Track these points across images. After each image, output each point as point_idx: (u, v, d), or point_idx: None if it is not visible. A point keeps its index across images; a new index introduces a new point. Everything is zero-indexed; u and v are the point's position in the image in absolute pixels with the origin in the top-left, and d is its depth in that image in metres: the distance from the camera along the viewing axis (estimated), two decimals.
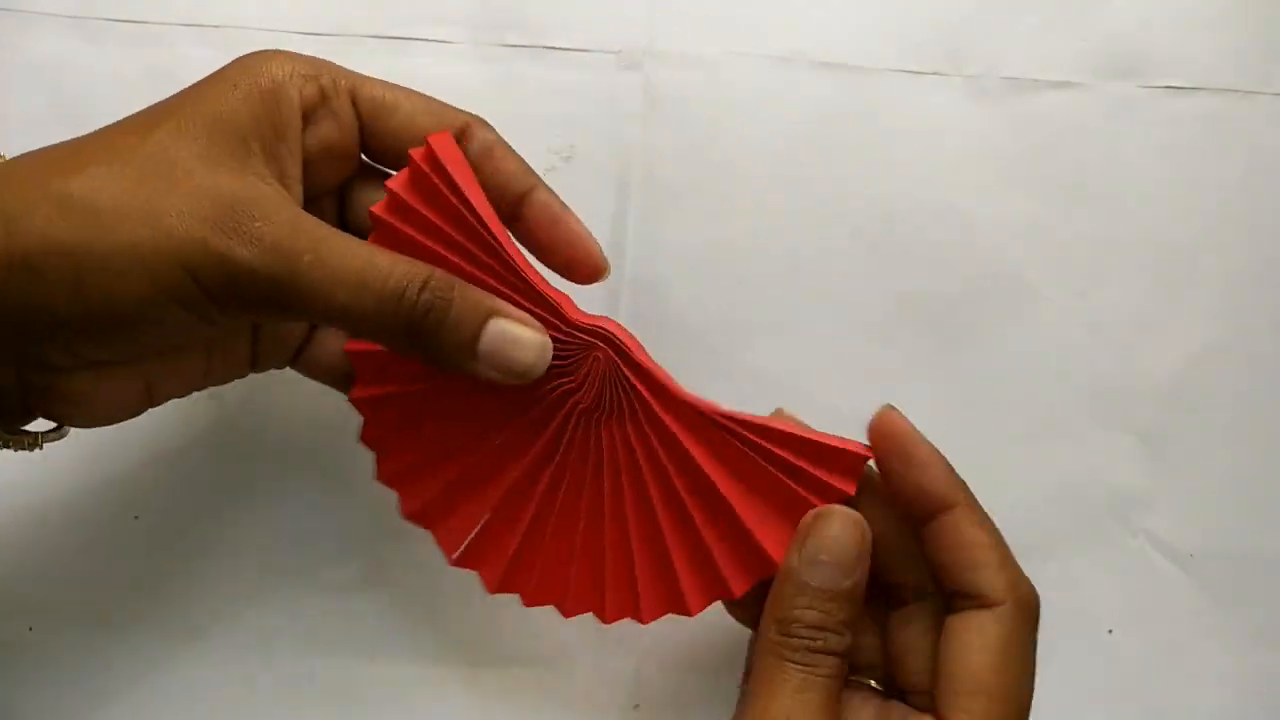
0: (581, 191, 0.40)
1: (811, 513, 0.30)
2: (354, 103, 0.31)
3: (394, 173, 0.31)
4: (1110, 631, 0.41)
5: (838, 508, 0.30)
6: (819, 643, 0.29)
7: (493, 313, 0.29)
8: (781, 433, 0.31)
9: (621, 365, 0.31)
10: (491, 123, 0.41)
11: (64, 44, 0.40)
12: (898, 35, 0.41)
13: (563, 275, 0.33)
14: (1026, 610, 0.30)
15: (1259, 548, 0.41)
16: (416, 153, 0.31)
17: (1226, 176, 0.42)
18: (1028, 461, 0.41)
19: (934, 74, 0.41)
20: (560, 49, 0.41)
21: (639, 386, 0.31)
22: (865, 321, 0.41)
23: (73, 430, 0.32)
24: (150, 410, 0.32)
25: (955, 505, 0.30)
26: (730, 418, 0.31)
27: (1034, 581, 0.41)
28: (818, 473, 0.31)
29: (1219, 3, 0.42)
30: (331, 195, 0.33)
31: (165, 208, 0.27)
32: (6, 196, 0.27)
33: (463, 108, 0.33)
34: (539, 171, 0.33)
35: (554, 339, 0.30)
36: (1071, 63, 0.41)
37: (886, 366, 0.41)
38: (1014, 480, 0.41)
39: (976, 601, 0.30)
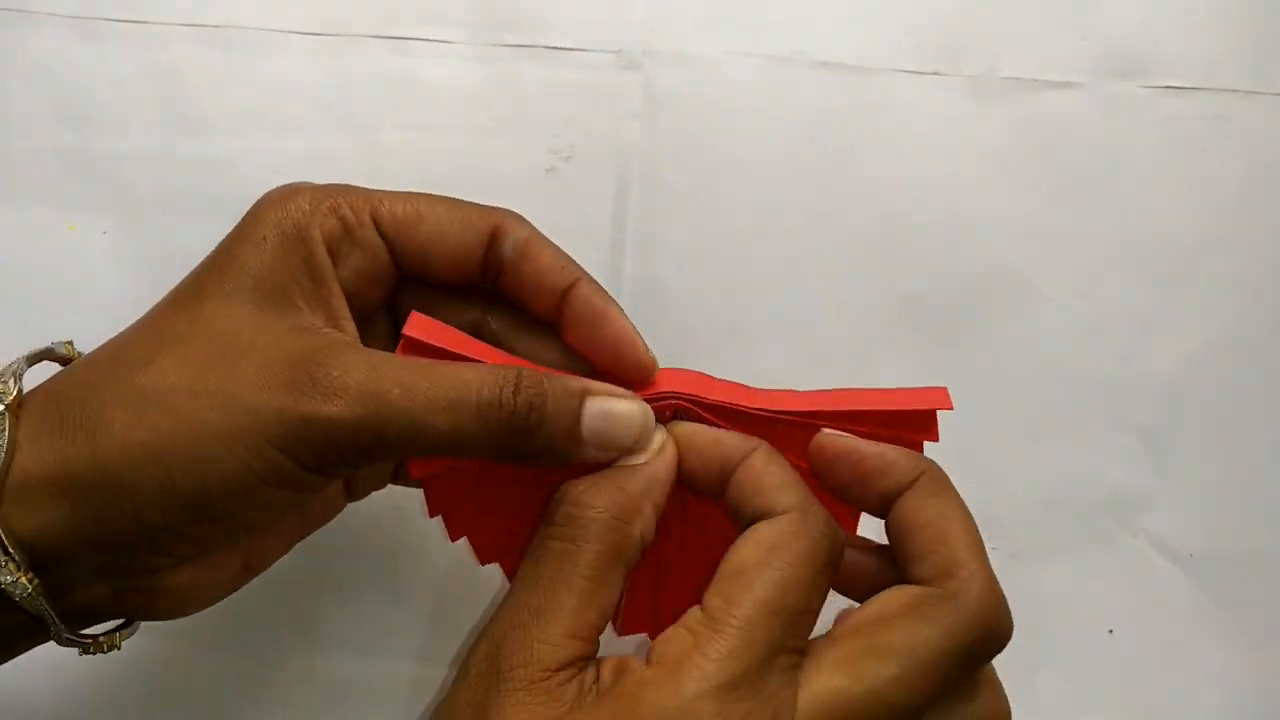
0: (581, 191, 0.40)
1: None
2: (377, 224, 0.30)
3: (431, 283, 0.31)
4: (1110, 631, 0.41)
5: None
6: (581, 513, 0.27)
7: (586, 392, 0.28)
8: (858, 412, 0.30)
9: (701, 413, 0.30)
10: (492, 123, 0.41)
11: (64, 44, 0.40)
12: (897, 35, 0.41)
13: (608, 374, 0.32)
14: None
15: (1259, 548, 0.41)
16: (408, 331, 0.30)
17: (1227, 176, 0.42)
18: (1028, 461, 0.41)
19: (934, 74, 0.41)
20: (560, 49, 0.41)
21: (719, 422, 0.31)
22: (865, 321, 0.41)
23: None
24: None
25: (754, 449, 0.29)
26: (806, 414, 0.30)
27: (1034, 581, 0.41)
28: (904, 434, 0.31)
29: (1219, 3, 0.42)
30: (382, 312, 0.32)
31: (237, 385, 0.26)
32: (83, 406, 0.26)
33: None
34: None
35: None
36: (1071, 63, 0.41)
37: (886, 366, 0.41)
38: (1014, 480, 0.41)
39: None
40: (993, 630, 0.28)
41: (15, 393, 0.27)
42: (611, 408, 0.28)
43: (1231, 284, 0.42)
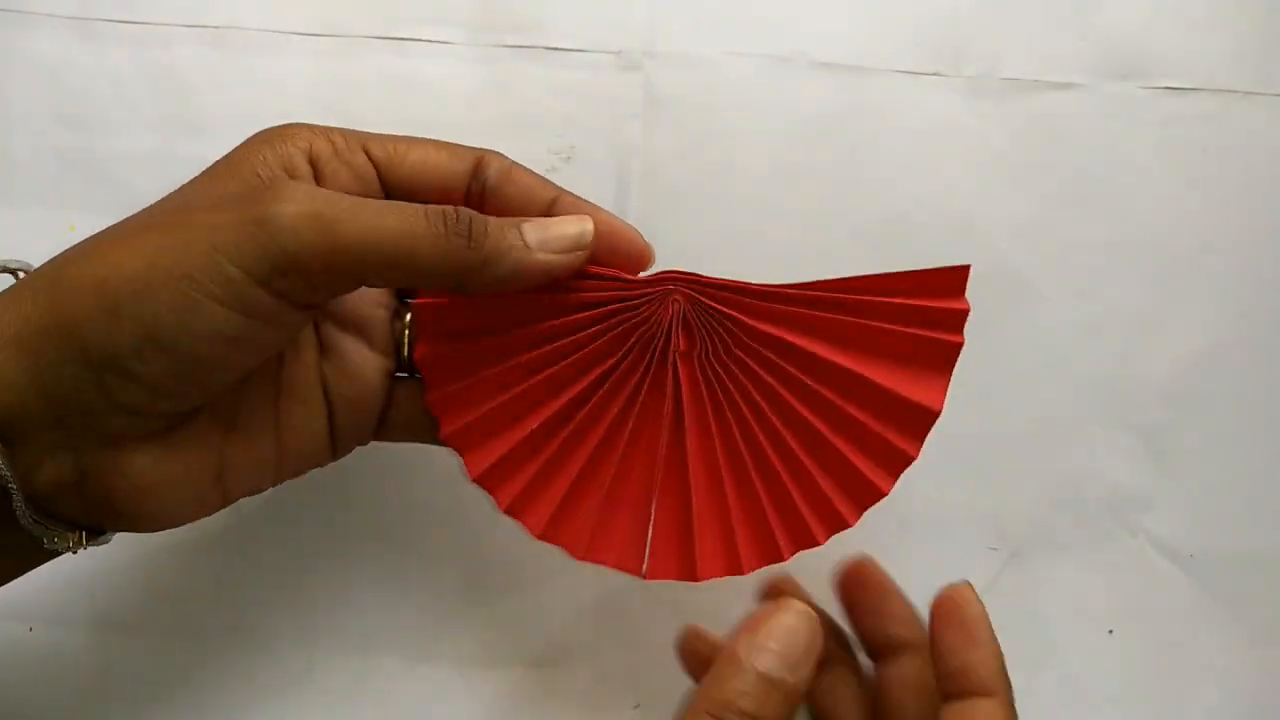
0: (581, 192, 0.40)
1: (765, 605, 0.30)
2: (367, 152, 0.31)
3: None
4: (1110, 632, 0.41)
5: (795, 603, 0.30)
6: None
7: (521, 220, 0.30)
8: (879, 280, 0.32)
9: (702, 298, 0.32)
10: (492, 124, 0.41)
11: (64, 44, 0.40)
12: (898, 35, 0.41)
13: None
14: (1008, 707, 0.30)
15: (1259, 548, 0.41)
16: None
17: (1227, 176, 0.42)
18: (1028, 461, 0.41)
19: (934, 74, 0.41)
20: (560, 49, 0.41)
21: (730, 311, 0.32)
22: None
23: None
24: None
25: (992, 695, 0.30)
26: (822, 285, 0.32)
27: (1034, 581, 0.41)
28: (935, 304, 0.31)
29: (1219, 3, 0.42)
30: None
31: (187, 220, 0.27)
32: (39, 280, 0.27)
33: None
34: (540, 172, 0.33)
35: (623, 295, 0.31)
36: (1071, 63, 0.41)
37: None
38: (1014, 480, 0.41)
39: (969, 689, 0.30)
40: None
41: None
42: (546, 221, 0.30)
43: (1231, 284, 0.42)
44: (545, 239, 0.29)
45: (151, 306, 0.25)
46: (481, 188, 0.32)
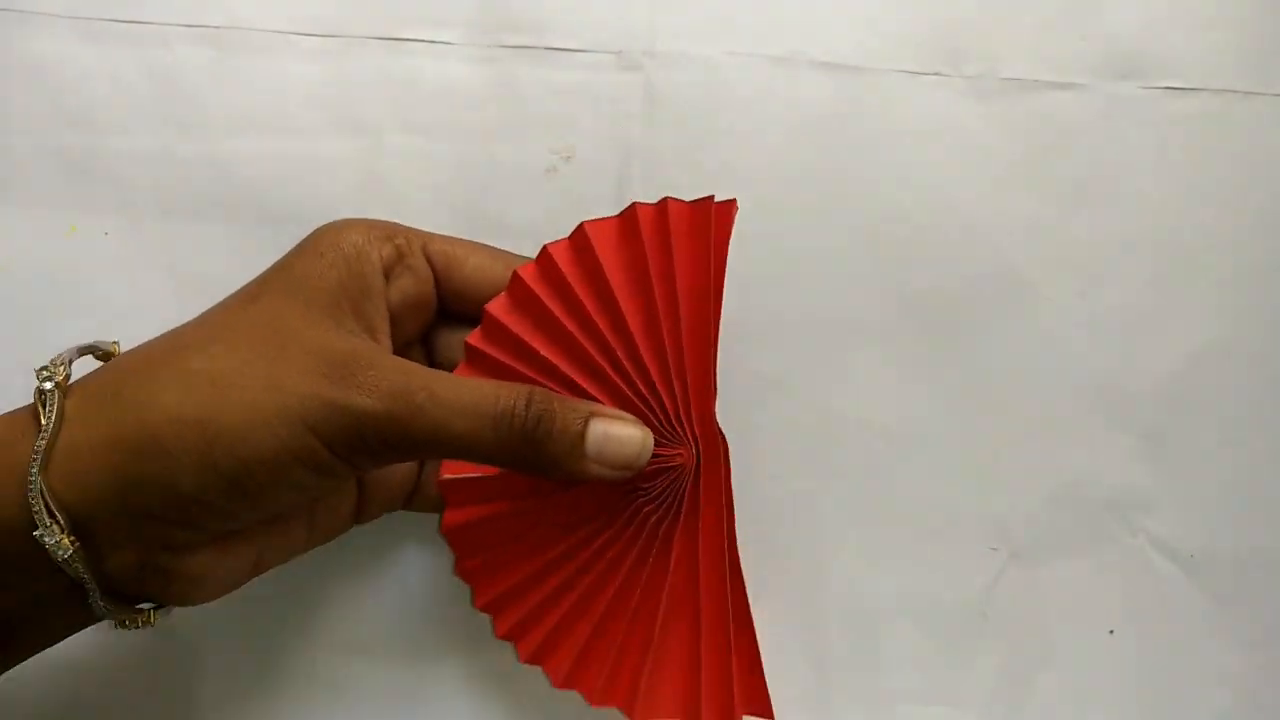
0: (581, 192, 0.40)
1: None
2: (427, 257, 0.34)
3: (467, 321, 0.35)
4: (1111, 632, 0.41)
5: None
6: None
7: (592, 414, 0.31)
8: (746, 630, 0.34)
9: (702, 476, 0.34)
10: (492, 124, 0.41)
11: (64, 44, 0.40)
12: (898, 35, 0.41)
13: None
14: None
15: (1259, 548, 0.41)
16: (526, 269, 0.34)
17: (1227, 176, 0.42)
18: (1028, 461, 0.41)
19: (934, 74, 0.41)
20: (560, 49, 0.41)
21: (698, 503, 0.34)
22: (865, 321, 0.41)
23: None
24: None
25: None
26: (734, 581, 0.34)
27: (1034, 581, 0.41)
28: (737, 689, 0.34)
29: (1219, 3, 0.42)
30: (417, 345, 0.36)
31: (282, 371, 0.29)
32: (131, 383, 0.29)
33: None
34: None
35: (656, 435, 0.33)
36: (1071, 63, 0.41)
37: (886, 366, 0.41)
38: (1014, 480, 0.41)
39: None
40: None
41: (65, 374, 0.30)
42: (615, 429, 0.31)
43: (1231, 284, 0.42)
44: (603, 452, 0.31)
45: (245, 463, 0.28)
46: None
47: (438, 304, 0.35)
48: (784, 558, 0.41)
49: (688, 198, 0.35)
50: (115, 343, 0.33)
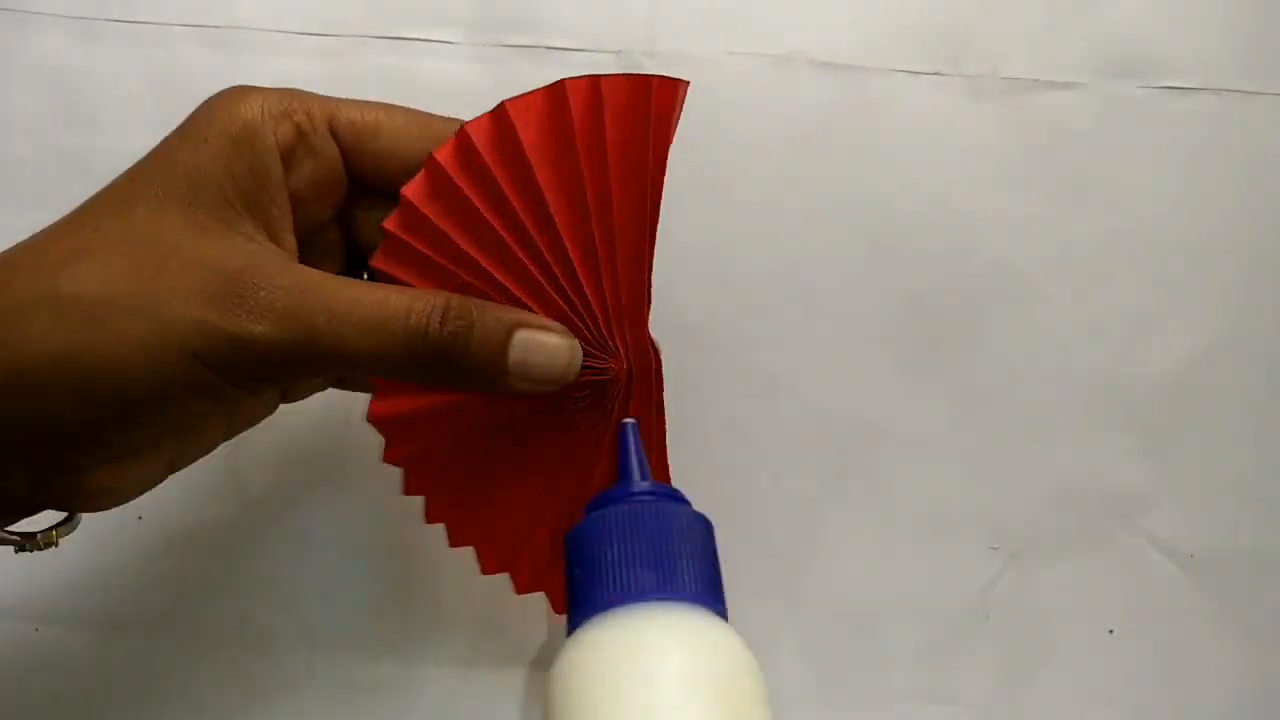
0: None
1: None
2: (334, 132, 0.30)
3: (387, 194, 0.31)
4: (1110, 631, 0.41)
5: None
6: None
7: (516, 325, 0.28)
8: None
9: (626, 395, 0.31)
10: None
11: (64, 44, 0.40)
12: (898, 35, 0.41)
13: None
14: None
15: (1259, 548, 0.41)
16: (442, 152, 0.29)
17: (1227, 176, 0.42)
18: (1028, 461, 0.41)
19: (934, 74, 0.41)
20: (560, 49, 0.41)
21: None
22: (865, 321, 0.41)
23: None
24: None
25: None
26: None
27: (1034, 581, 0.41)
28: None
29: (1219, 3, 0.42)
30: (334, 223, 0.32)
31: (161, 294, 0.25)
32: (12, 324, 0.26)
33: (452, 112, 0.32)
34: None
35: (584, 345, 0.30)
36: (1071, 63, 0.41)
37: (886, 366, 0.41)
38: (1014, 480, 0.41)
39: None
40: None
41: None
42: (540, 340, 0.28)
43: (1231, 284, 0.42)
44: (527, 366, 0.28)
45: (128, 397, 0.25)
46: None
47: (350, 181, 0.31)
48: (783, 557, 0.41)
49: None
50: None
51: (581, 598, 0.26)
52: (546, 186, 0.29)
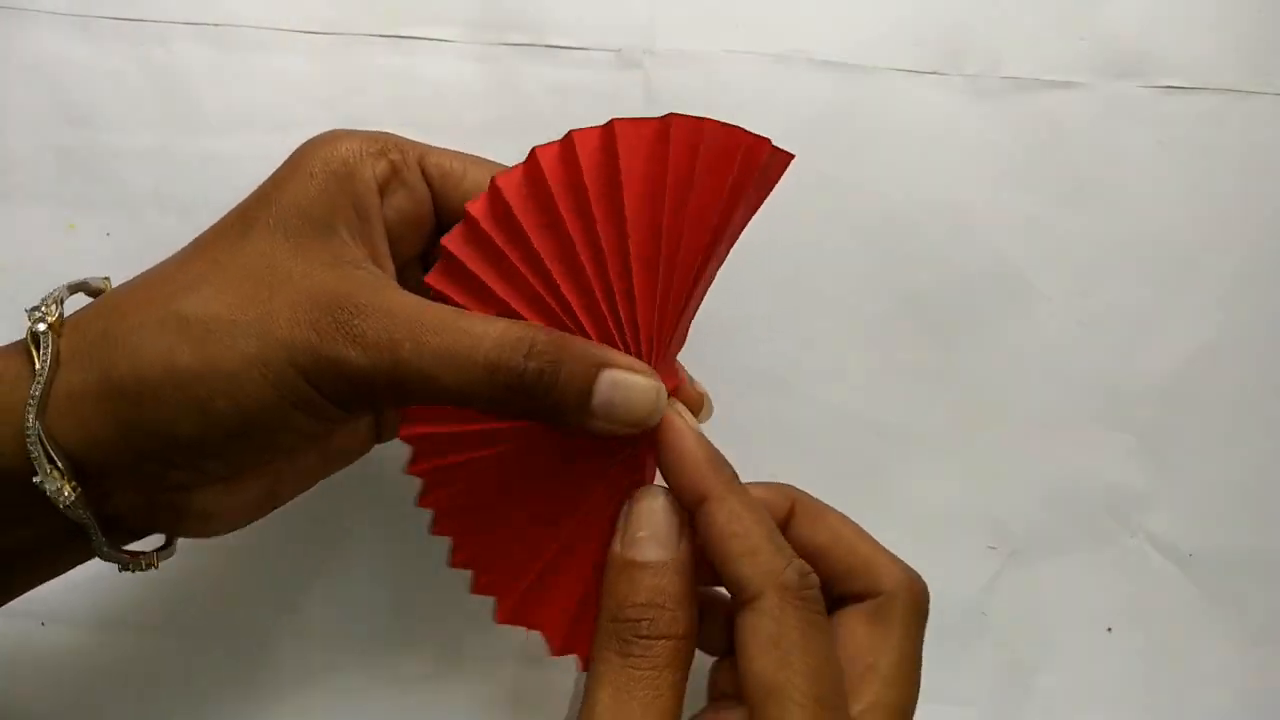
0: None
1: (627, 501, 0.30)
2: (424, 172, 0.31)
3: None
4: (1110, 630, 0.41)
5: (651, 487, 0.30)
6: (649, 624, 0.27)
7: (603, 364, 0.28)
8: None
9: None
10: (492, 121, 0.41)
11: (64, 43, 0.40)
12: (897, 35, 0.41)
13: None
14: (790, 596, 0.27)
15: (1258, 547, 0.41)
16: (504, 178, 0.30)
17: (1226, 176, 0.42)
18: (1027, 461, 0.41)
19: (934, 74, 0.41)
20: (560, 48, 0.41)
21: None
22: (865, 321, 0.41)
23: None
24: None
25: (709, 497, 0.28)
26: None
27: (1033, 580, 0.41)
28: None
29: (1219, 3, 0.42)
30: (415, 263, 0.33)
31: (271, 316, 0.27)
32: (124, 326, 0.27)
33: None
34: None
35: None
36: (1071, 63, 0.41)
37: (886, 366, 0.41)
38: (1014, 480, 0.41)
39: (743, 597, 0.27)
40: (925, 596, 0.31)
41: (58, 314, 0.28)
42: (627, 381, 0.28)
43: (1231, 284, 0.42)
44: (612, 409, 0.28)
45: (243, 411, 0.27)
46: None
47: (435, 222, 0.32)
48: None
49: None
50: (105, 279, 0.32)
51: None
52: (604, 218, 0.29)
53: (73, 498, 0.27)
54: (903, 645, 0.30)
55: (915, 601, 0.30)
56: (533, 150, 0.30)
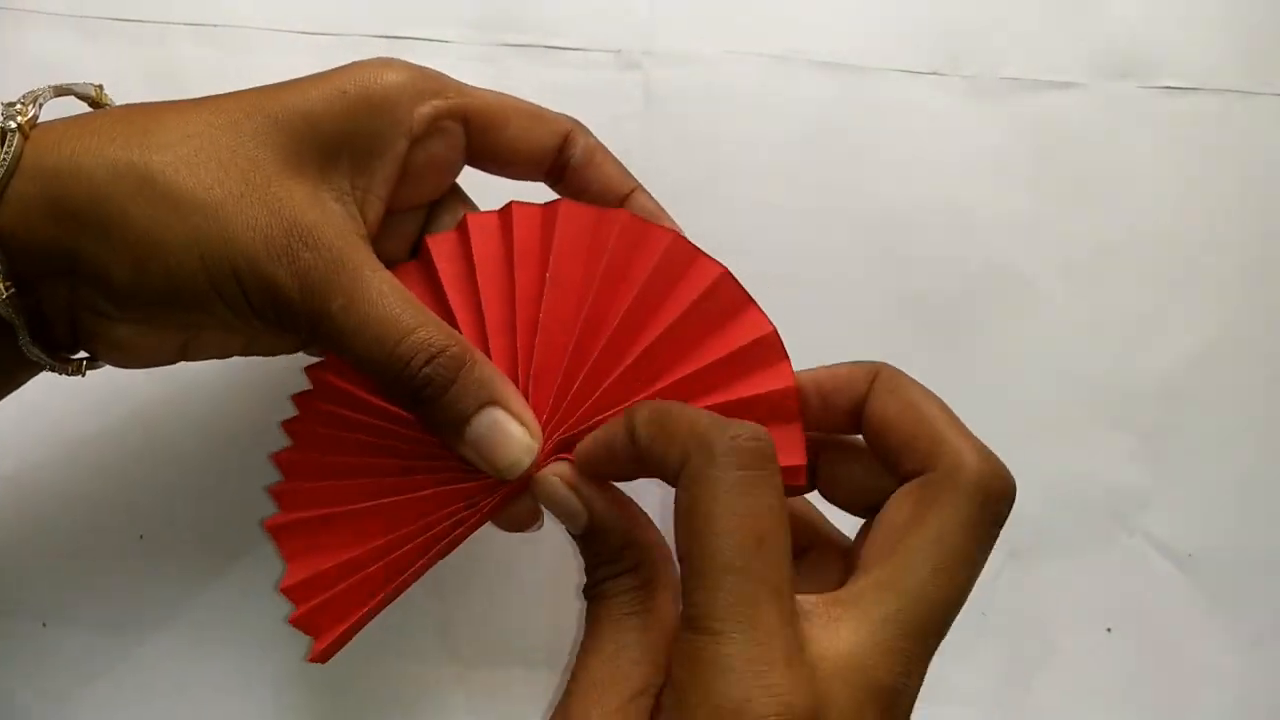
0: None
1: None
2: (465, 117, 0.31)
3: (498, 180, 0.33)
4: (1109, 631, 0.41)
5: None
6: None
7: (490, 402, 0.28)
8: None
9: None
10: None
11: (63, 43, 0.40)
12: (897, 35, 0.41)
13: None
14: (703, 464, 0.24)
15: (1258, 548, 0.41)
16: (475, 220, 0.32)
17: (1226, 176, 0.42)
18: (1028, 461, 0.41)
19: (934, 74, 0.41)
20: (560, 49, 0.41)
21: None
22: (865, 321, 0.41)
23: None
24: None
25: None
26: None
27: (1034, 581, 0.41)
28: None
29: (1219, 3, 0.42)
30: (420, 210, 0.33)
31: (234, 211, 0.27)
32: (92, 158, 0.27)
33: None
34: None
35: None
36: (1071, 63, 0.41)
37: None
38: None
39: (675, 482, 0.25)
40: (997, 490, 0.27)
41: (31, 116, 0.28)
42: (505, 427, 0.28)
43: (1231, 284, 0.42)
44: (480, 443, 0.28)
45: (174, 283, 0.27)
46: (565, 163, 0.32)
47: (461, 168, 0.32)
48: None
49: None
50: (99, 86, 0.31)
51: None
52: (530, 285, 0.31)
53: (5, 294, 0.27)
54: (942, 528, 0.25)
55: (975, 486, 0.26)
56: (509, 204, 0.32)
